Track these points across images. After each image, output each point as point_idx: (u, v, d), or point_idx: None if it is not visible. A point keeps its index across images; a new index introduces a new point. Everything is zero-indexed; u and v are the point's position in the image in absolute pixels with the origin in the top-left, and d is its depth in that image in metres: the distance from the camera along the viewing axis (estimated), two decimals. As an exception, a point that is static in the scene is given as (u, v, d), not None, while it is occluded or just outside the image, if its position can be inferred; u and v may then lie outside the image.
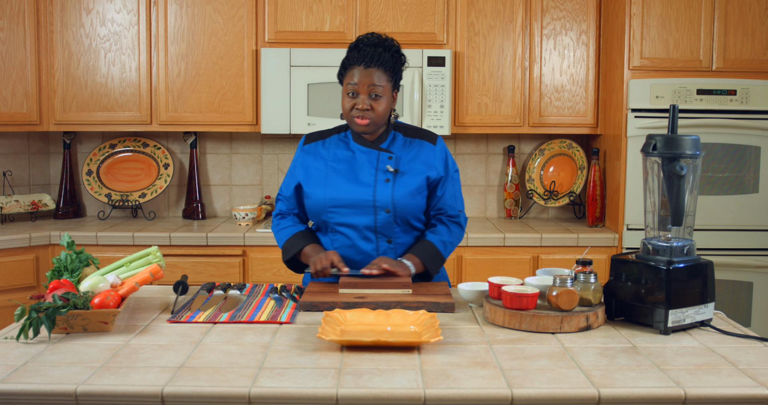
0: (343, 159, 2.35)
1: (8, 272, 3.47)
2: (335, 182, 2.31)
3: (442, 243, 2.34)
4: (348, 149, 2.37)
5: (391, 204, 2.28)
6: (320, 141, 2.41)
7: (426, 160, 2.34)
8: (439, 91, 3.74)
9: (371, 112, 2.25)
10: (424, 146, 2.36)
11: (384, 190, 2.28)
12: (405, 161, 2.33)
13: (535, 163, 4.15)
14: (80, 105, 3.84)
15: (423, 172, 2.32)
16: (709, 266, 1.95)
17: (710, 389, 1.52)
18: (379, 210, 2.28)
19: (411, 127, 2.42)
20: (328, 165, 2.35)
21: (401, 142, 2.37)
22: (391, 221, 2.30)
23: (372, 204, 2.28)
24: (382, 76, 2.25)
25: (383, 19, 3.79)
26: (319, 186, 2.32)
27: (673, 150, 1.91)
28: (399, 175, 2.30)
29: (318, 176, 2.34)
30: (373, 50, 2.25)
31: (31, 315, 1.78)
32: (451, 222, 2.38)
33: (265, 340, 1.82)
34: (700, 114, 3.57)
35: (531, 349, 1.76)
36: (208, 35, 3.80)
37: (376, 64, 2.24)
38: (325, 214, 2.32)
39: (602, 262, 3.57)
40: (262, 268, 3.59)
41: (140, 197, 4.01)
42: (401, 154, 2.34)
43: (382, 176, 2.30)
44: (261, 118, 3.77)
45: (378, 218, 2.29)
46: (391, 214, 2.28)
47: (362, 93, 2.24)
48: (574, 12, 3.83)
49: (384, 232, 2.31)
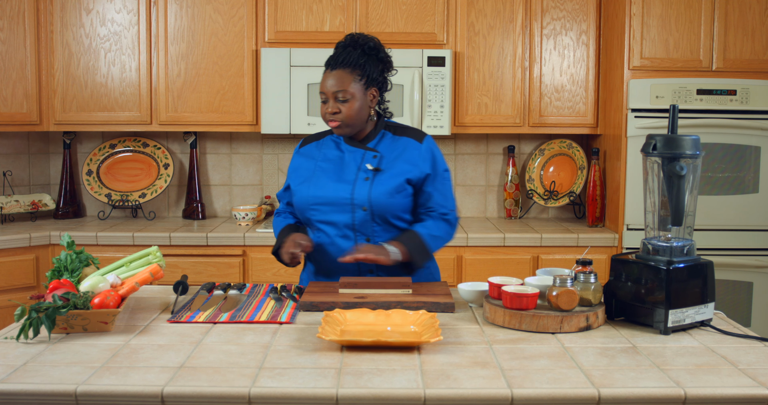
0: (332, 159, 2.38)
1: (8, 272, 3.47)
2: (319, 181, 2.35)
3: (430, 236, 2.31)
4: (338, 149, 2.40)
5: (368, 202, 2.29)
6: (315, 143, 2.46)
7: (410, 158, 2.34)
8: (439, 91, 3.74)
9: (340, 114, 2.28)
10: (410, 144, 2.36)
11: (362, 188, 2.30)
12: (388, 160, 2.34)
13: (535, 163, 4.15)
14: (80, 105, 3.84)
15: (404, 171, 2.32)
16: (709, 266, 1.95)
17: (710, 389, 1.52)
18: (356, 208, 2.30)
19: (401, 126, 2.43)
20: (317, 164, 2.39)
21: (389, 140, 2.38)
22: (368, 219, 2.31)
23: (350, 202, 2.30)
24: (347, 77, 2.27)
25: (383, 19, 3.79)
26: (304, 184, 2.37)
27: (673, 150, 1.91)
28: (379, 174, 2.31)
29: (305, 175, 2.39)
30: (342, 51, 2.30)
31: (31, 315, 1.78)
32: (440, 219, 2.37)
33: (265, 340, 1.82)
34: (700, 114, 3.57)
35: (531, 349, 1.76)
36: (208, 35, 3.80)
37: (341, 65, 2.28)
38: (307, 212, 2.36)
39: (602, 262, 3.57)
40: (262, 268, 3.59)
41: (140, 197, 4.01)
42: (386, 152, 2.36)
43: (363, 175, 2.32)
44: (261, 118, 3.77)
45: (356, 216, 2.30)
46: (368, 213, 2.29)
47: (330, 98, 2.29)
48: (574, 12, 3.83)
49: (362, 230, 2.32)
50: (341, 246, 2.32)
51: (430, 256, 2.33)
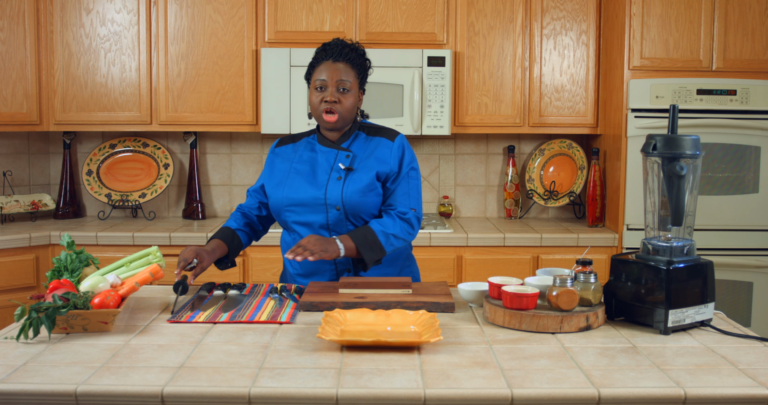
0: (307, 160, 2.40)
1: (8, 272, 3.47)
2: (293, 183, 2.36)
3: (383, 233, 2.28)
4: (312, 151, 2.41)
5: (341, 201, 2.30)
6: (291, 145, 2.47)
7: (380, 156, 2.35)
8: (439, 91, 3.74)
9: (339, 105, 2.29)
10: (381, 143, 2.38)
11: (334, 188, 2.31)
12: (360, 159, 2.36)
13: (535, 163, 4.15)
14: (80, 105, 3.84)
15: (374, 168, 2.33)
16: (709, 266, 1.95)
17: (710, 389, 1.52)
18: (330, 208, 2.31)
19: (376, 126, 2.44)
20: (292, 166, 2.40)
21: (362, 140, 2.40)
22: (342, 218, 2.32)
23: (323, 202, 2.31)
24: (349, 71, 2.32)
25: (383, 19, 3.79)
26: (278, 187, 2.38)
27: (673, 150, 1.91)
28: (351, 173, 2.33)
29: (279, 177, 2.40)
30: (339, 48, 2.33)
31: (31, 315, 1.78)
32: (398, 217, 2.34)
33: (265, 340, 1.82)
34: (700, 114, 3.57)
35: (531, 349, 1.76)
36: (208, 35, 3.80)
37: (343, 59, 2.32)
38: (283, 214, 2.38)
39: (602, 262, 3.57)
40: (262, 268, 3.59)
41: (140, 197, 4.01)
42: (359, 152, 2.37)
43: (335, 174, 2.34)
44: (261, 118, 3.77)
45: (329, 216, 2.32)
46: (342, 212, 2.31)
47: (330, 86, 2.30)
48: (574, 12, 3.83)
49: (337, 229, 2.33)
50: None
51: (383, 253, 2.29)
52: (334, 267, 2.36)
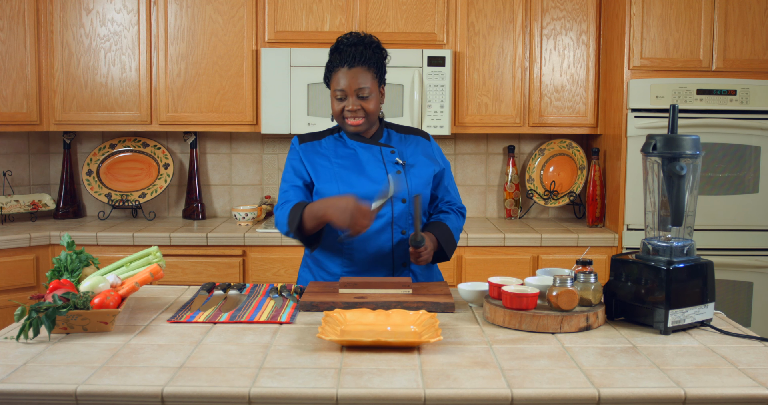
0: (346, 156, 2.38)
1: (8, 272, 3.47)
2: (346, 177, 2.33)
3: (456, 229, 2.42)
4: (347, 147, 2.39)
5: (407, 194, 2.33)
6: (315, 141, 2.43)
7: (428, 153, 2.44)
8: (439, 91, 3.74)
9: (362, 111, 2.30)
10: (421, 142, 2.47)
11: (399, 181, 2.34)
12: (408, 154, 2.41)
13: (535, 163, 4.15)
14: (80, 105, 3.84)
15: (429, 165, 2.41)
16: (709, 266, 1.95)
17: (710, 389, 1.52)
18: (396, 200, 2.32)
19: (400, 125, 2.50)
20: (333, 162, 2.37)
21: (397, 138, 2.44)
22: (406, 211, 2.34)
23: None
24: (366, 75, 2.30)
25: (383, 19, 3.79)
26: (331, 182, 2.33)
27: (673, 150, 1.91)
28: (409, 167, 2.37)
29: (327, 173, 2.35)
30: (354, 50, 2.30)
31: (31, 315, 1.78)
32: (458, 213, 2.48)
33: (265, 340, 1.82)
34: (700, 114, 3.57)
35: (531, 349, 1.76)
36: (208, 35, 3.80)
37: (359, 64, 2.29)
38: None
39: (602, 262, 3.57)
40: (262, 268, 3.59)
41: (140, 197, 4.01)
42: (401, 148, 2.41)
43: (392, 168, 2.35)
44: (261, 118, 3.77)
45: (395, 209, 2.32)
46: (407, 205, 2.33)
47: (350, 95, 2.29)
48: (574, 12, 3.83)
49: (399, 222, 2.34)
50: (377, 240, 2.33)
51: (455, 247, 2.43)
52: (391, 262, 2.36)
